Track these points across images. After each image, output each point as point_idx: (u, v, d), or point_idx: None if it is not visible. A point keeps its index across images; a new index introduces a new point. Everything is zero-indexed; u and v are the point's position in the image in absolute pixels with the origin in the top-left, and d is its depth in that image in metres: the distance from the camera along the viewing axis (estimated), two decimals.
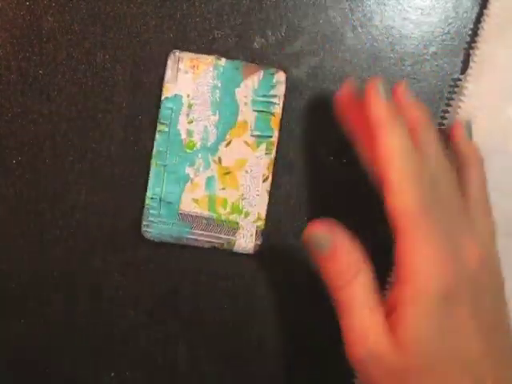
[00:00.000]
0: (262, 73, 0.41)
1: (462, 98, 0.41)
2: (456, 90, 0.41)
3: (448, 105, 0.41)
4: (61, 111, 0.41)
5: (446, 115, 0.41)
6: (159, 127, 0.40)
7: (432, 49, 0.41)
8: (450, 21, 0.41)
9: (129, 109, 0.41)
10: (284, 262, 0.41)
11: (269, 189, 0.41)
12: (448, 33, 0.41)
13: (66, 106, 0.41)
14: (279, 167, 0.41)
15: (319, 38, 0.41)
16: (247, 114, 0.40)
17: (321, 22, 0.41)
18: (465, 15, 0.42)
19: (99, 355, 0.42)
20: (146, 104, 0.41)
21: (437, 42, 0.41)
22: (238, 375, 0.42)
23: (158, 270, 0.41)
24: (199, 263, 0.41)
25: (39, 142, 0.41)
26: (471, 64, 0.41)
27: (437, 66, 0.41)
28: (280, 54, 0.41)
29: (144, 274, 0.41)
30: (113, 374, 0.42)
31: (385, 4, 0.41)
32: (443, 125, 0.41)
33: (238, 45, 0.41)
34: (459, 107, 0.41)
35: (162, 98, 0.40)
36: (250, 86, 0.41)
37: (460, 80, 0.41)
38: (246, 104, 0.40)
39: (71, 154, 0.41)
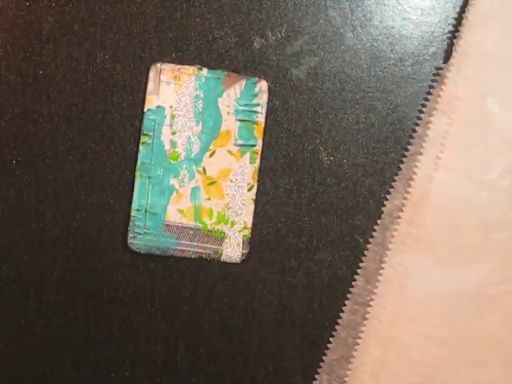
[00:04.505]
0: (244, 82, 0.40)
1: (443, 86, 0.40)
2: (437, 78, 0.41)
3: (429, 93, 0.41)
4: (61, 111, 0.41)
5: (426, 103, 0.41)
6: (143, 139, 0.40)
7: (432, 49, 0.41)
8: (449, 21, 0.41)
9: (129, 109, 0.41)
10: (276, 269, 0.41)
11: (254, 197, 0.40)
12: (448, 33, 0.41)
13: (66, 105, 0.41)
14: (278, 168, 0.41)
15: (319, 38, 0.41)
16: (230, 124, 0.40)
17: (321, 22, 0.41)
18: None
19: (99, 355, 0.42)
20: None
21: (437, 41, 0.41)
22: (238, 375, 0.42)
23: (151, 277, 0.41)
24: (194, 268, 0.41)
25: (39, 141, 0.41)
26: (454, 53, 0.40)
27: (437, 66, 0.41)
28: (280, 54, 0.41)
29: (141, 278, 0.41)
30: (113, 375, 0.42)
31: (385, 4, 0.41)
32: (423, 112, 0.41)
33: (238, 45, 0.41)
34: (439, 96, 0.40)
35: (145, 109, 0.40)
36: (232, 95, 0.40)
37: (442, 69, 0.41)
38: (228, 113, 0.40)
39: (71, 154, 0.41)
